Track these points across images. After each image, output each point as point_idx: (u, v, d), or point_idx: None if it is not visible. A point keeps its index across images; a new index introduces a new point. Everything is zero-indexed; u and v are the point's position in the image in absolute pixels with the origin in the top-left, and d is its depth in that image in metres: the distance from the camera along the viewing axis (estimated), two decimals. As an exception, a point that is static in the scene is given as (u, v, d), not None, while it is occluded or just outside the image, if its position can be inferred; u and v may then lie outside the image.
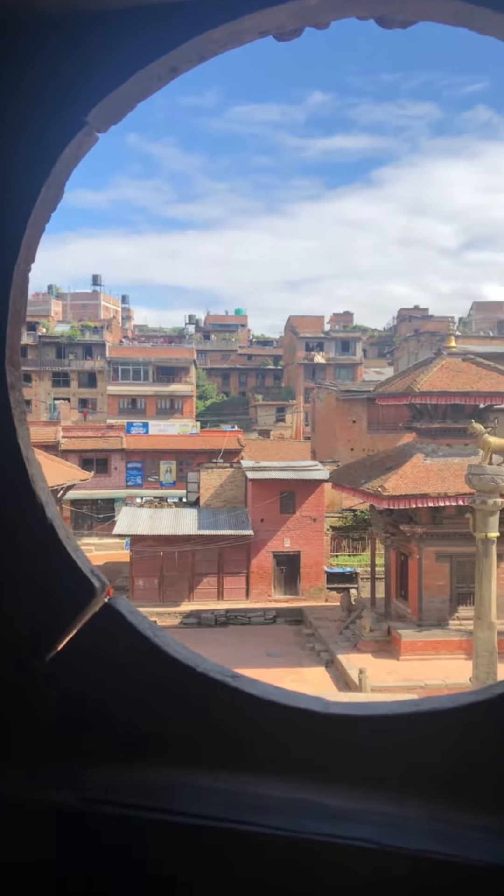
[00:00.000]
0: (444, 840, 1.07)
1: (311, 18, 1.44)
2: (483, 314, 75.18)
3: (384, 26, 1.46)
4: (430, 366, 22.75)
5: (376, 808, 1.16)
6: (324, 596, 28.47)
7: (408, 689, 19.18)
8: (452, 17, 1.31)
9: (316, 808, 1.17)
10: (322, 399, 41.32)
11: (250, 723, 1.29)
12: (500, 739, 1.18)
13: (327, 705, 1.30)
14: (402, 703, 1.28)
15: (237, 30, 1.39)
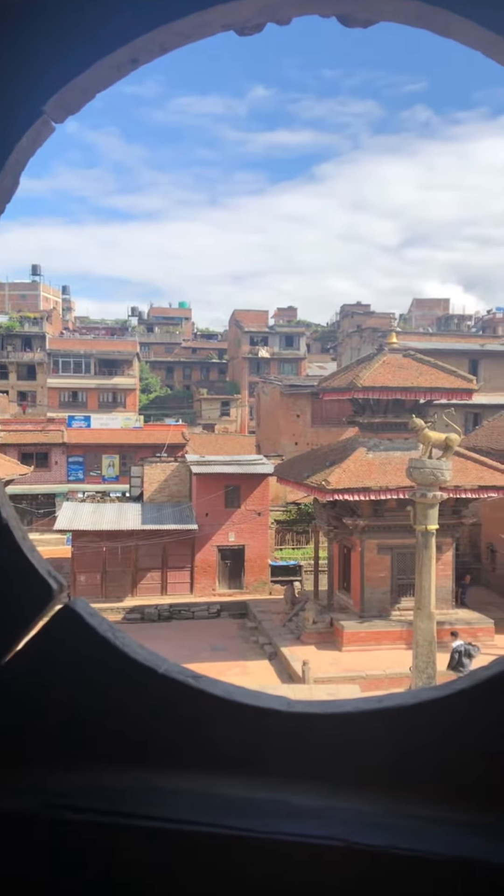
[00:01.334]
0: (410, 835, 1.09)
1: (274, 14, 1.43)
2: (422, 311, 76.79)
3: (346, 25, 1.47)
4: (372, 361, 23.09)
5: (343, 805, 1.17)
6: (268, 589, 28.66)
7: (349, 679, 19.51)
8: (414, 18, 1.32)
9: (282, 807, 1.17)
10: (267, 393, 41.49)
11: (213, 723, 1.29)
12: (461, 733, 1.20)
13: (291, 704, 1.31)
14: (366, 699, 1.29)
15: (200, 22, 1.37)
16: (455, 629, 21.97)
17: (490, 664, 1.25)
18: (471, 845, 1.06)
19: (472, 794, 1.16)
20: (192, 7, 1.33)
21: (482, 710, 1.20)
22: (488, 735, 1.18)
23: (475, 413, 33.60)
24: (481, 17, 1.22)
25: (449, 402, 22.97)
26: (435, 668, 17.12)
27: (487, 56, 1.31)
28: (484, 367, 36.19)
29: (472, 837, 1.08)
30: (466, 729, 1.20)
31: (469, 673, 1.26)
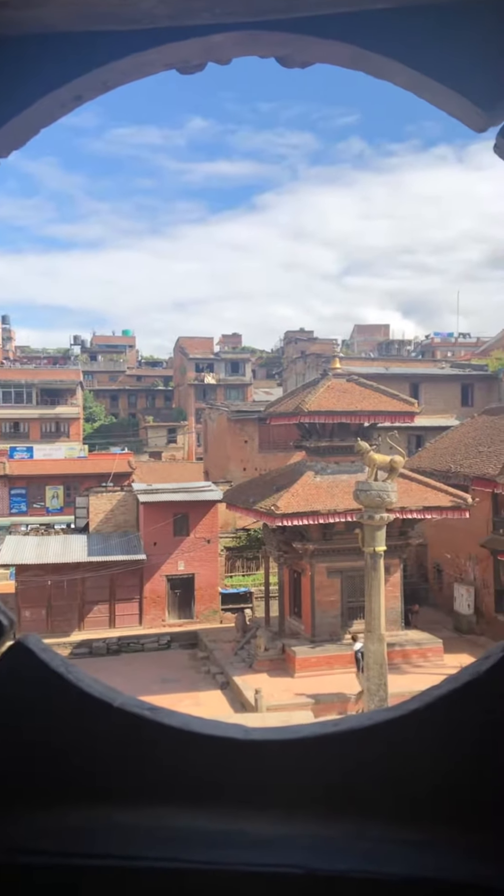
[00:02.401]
0: (369, 857, 1.10)
1: (214, 54, 1.48)
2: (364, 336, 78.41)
3: (284, 65, 1.52)
4: (317, 386, 23.41)
5: (302, 832, 1.17)
6: (219, 617, 28.40)
7: (302, 706, 19.44)
8: (349, 60, 1.39)
9: (241, 837, 1.17)
10: (214, 420, 41.55)
11: (171, 755, 1.27)
12: (416, 752, 1.22)
13: (248, 731, 1.30)
14: (322, 723, 1.30)
15: (143, 62, 1.41)
16: (402, 650, 22.20)
17: (441, 683, 1.27)
18: (429, 864, 1.08)
19: (429, 813, 1.18)
20: (135, 47, 1.37)
21: (435, 729, 1.22)
22: (442, 753, 1.20)
23: (418, 435, 34.33)
24: (411, 60, 1.29)
25: (392, 424, 23.43)
26: (387, 691, 17.22)
27: (418, 96, 1.38)
28: (424, 390, 37.09)
29: (430, 856, 1.10)
30: (421, 748, 1.22)
31: (423, 692, 1.29)
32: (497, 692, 1.19)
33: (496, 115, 1.26)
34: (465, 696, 1.21)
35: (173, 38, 1.35)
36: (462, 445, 27.88)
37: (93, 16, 1.27)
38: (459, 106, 1.30)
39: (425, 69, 1.28)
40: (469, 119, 1.31)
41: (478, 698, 1.20)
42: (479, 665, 1.23)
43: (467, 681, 1.21)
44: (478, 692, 1.20)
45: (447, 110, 1.35)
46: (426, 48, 1.26)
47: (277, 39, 1.38)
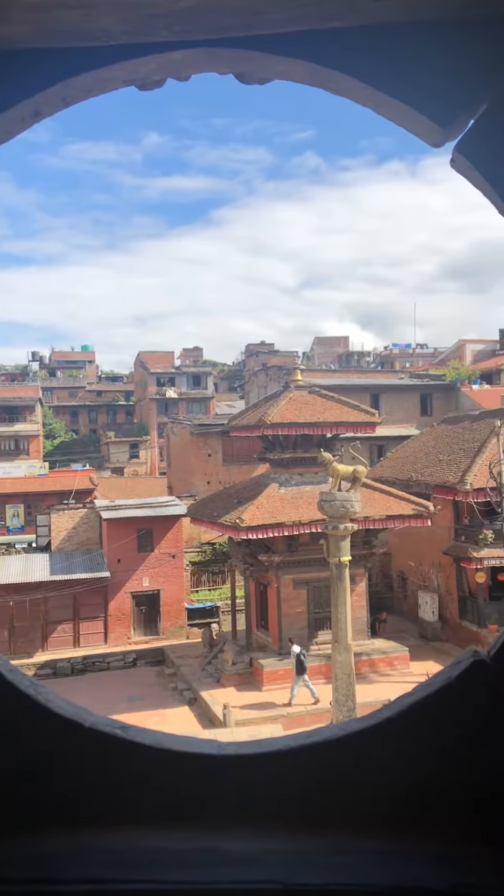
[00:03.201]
0: (347, 869, 1.09)
1: (174, 71, 1.49)
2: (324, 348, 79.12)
3: (243, 82, 1.54)
4: (279, 398, 23.52)
5: (278, 847, 1.16)
6: (185, 633, 28.17)
7: (271, 719, 19.35)
8: (308, 77, 1.41)
9: (217, 854, 1.15)
10: (176, 434, 41.39)
11: (144, 774, 1.26)
12: (390, 761, 1.22)
13: (222, 747, 1.29)
14: (295, 736, 1.29)
15: (102, 78, 1.41)
16: (368, 659, 22.32)
17: (413, 691, 1.28)
18: (407, 874, 1.08)
19: (405, 823, 1.18)
20: (94, 64, 1.37)
21: (409, 737, 1.22)
22: (416, 761, 1.21)
23: (379, 445, 34.69)
24: (368, 77, 1.31)
25: (354, 435, 23.64)
26: (355, 701, 17.24)
27: (376, 112, 1.41)
28: (384, 400, 37.54)
29: (408, 866, 1.10)
30: (395, 757, 1.22)
31: (395, 700, 1.29)
32: (469, 698, 1.21)
33: (452, 131, 1.30)
34: (437, 703, 1.22)
35: (132, 55, 1.36)
36: (422, 454, 28.26)
37: (52, 32, 1.26)
38: (416, 122, 1.33)
39: (383, 87, 1.30)
40: (426, 135, 1.34)
41: (450, 704, 1.21)
42: (450, 671, 1.24)
43: (439, 687, 1.22)
44: (450, 698, 1.21)
45: (405, 126, 1.38)
46: (383, 66, 1.29)
47: (236, 56, 1.40)
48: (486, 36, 1.23)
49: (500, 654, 1.21)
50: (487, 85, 1.24)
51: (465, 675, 1.22)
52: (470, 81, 1.25)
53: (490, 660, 1.21)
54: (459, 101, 1.26)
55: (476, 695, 1.21)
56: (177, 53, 1.39)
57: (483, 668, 1.21)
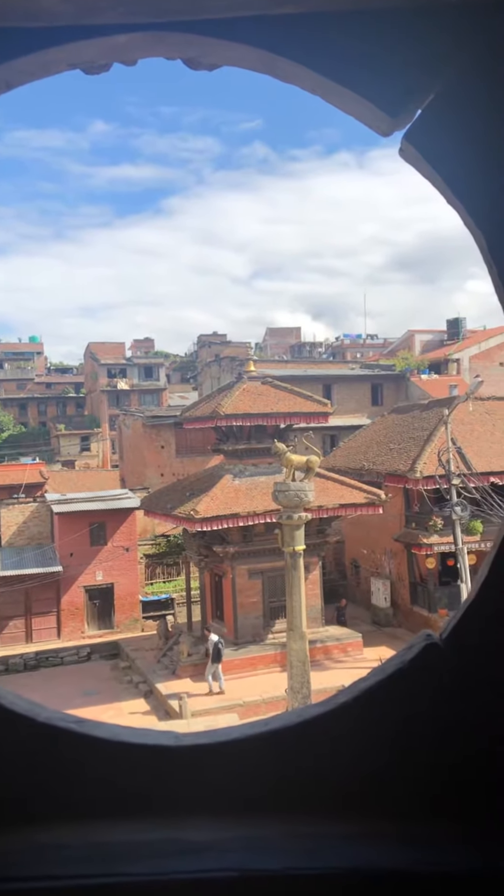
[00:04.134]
0: (306, 853, 1.10)
1: (119, 55, 1.46)
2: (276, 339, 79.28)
3: (192, 67, 1.52)
4: (233, 389, 23.50)
5: (236, 834, 1.16)
6: (140, 626, 28.03)
7: (227, 709, 19.44)
8: (258, 64, 1.40)
9: (176, 845, 1.15)
10: (128, 426, 40.99)
11: (101, 767, 1.24)
12: (347, 745, 1.24)
13: (178, 738, 1.29)
14: (252, 724, 1.30)
15: (46, 60, 1.37)
16: (323, 646, 22.60)
17: (367, 675, 1.30)
18: (364, 855, 1.09)
19: (361, 805, 1.20)
20: (37, 45, 1.33)
21: (365, 721, 1.24)
22: (372, 744, 1.23)
23: (332, 435, 35.01)
24: (318, 65, 1.31)
25: (307, 425, 23.80)
26: (310, 688, 17.44)
27: (325, 100, 1.41)
28: (336, 390, 37.88)
29: (365, 848, 1.11)
30: (351, 740, 1.24)
31: (350, 686, 1.31)
32: (423, 680, 1.23)
33: (401, 121, 1.30)
34: (392, 687, 1.24)
35: (77, 37, 1.33)
36: (374, 443, 28.63)
37: (-7, 10, 1.22)
38: (366, 111, 1.33)
39: (332, 75, 1.30)
40: (375, 124, 1.34)
41: (405, 688, 1.23)
42: (403, 655, 1.26)
43: (393, 671, 1.24)
44: (404, 682, 1.23)
45: (354, 115, 1.38)
46: (333, 54, 1.29)
47: (184, 41, 1.38)
48: (435, 25, 1.24)
49: (453, 637, 1.23)
50: (436, 74, 1.25)
51: (418, 658, 1.24)
52: (419, 71, 1.26)
53: (442, 643, 1.24)
54: (408, 90, 1.27)
55: (429, 677, 1.23)
56: (123, 37, 1.36)
57: (436, 652, 1.24)
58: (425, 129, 1.28)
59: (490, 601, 1.22)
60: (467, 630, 1.22)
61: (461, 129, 1.26)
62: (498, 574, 1.22)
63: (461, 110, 1.26)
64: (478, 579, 1.26)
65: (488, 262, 1.28)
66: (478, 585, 1.24)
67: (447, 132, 1.27)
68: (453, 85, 1.25)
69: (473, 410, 26.79)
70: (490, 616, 1.22)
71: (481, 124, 1.25)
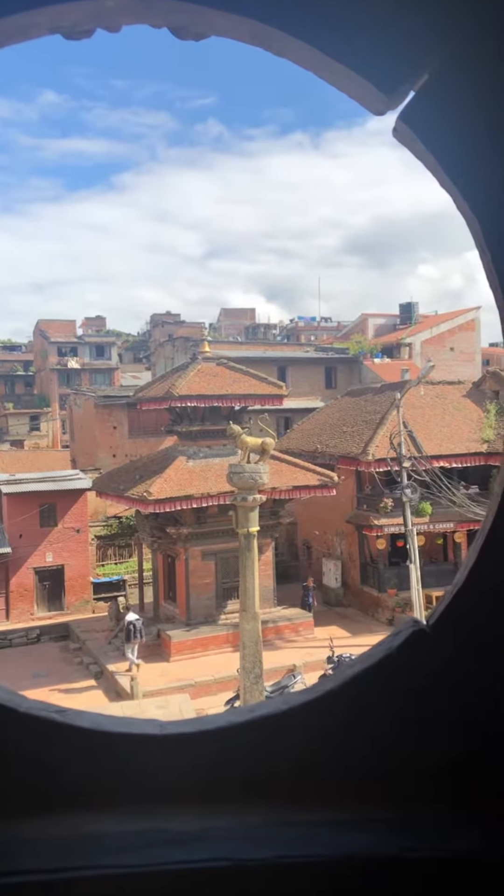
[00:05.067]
0: (296, 842, 1.10)
1: (104, 20, 1.39)
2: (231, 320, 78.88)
3: (178, 37, 1.46)
4: (187, 370, 23.34)
5: (225, 824, 1.15)
6: (91, 608, 27.83)
7: (179, 689, 19.51)
8: (249, 35, 1.35)
9: (164, 835, 1.14)
10: (80, 405, 40.36)
11: (84, 757, 1.21)
12: (334, 733, 1.24)
13: (163, 726, 1.27)
14: (238, 711, 1.28)
15: (27, 23, 1.30)
16: (275, 626, 22.83)
17: (354, 662, 1.30)
18: (356, 842, 1.10)
19: (351, 793, 1.20)
20: (19, 6, 1.26)
21: (352, 708, 1.24)
22: (360, 731, 1.23)
23: (286, 417, 35.16)
24: (313, 38, 1.27)
25: (262, 407, 23.83)
26: (262, 668, 17.62)
27: (318, 76, 1.37)
28: (291, 373, 37.99)
29: (356, 834, 1.12)
30: (339, 728, 1.24)
31: (336, 673, 1.31)
32: (411, 667, 1.23)
33: (395, 99, 1.27)
34: (379, 673, 1.24)
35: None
36: (327, 426, 28.87)
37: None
38: (360, 88, 1.30)
39: (327, 49, 1.26)
40: (369, 102, 1.32)
41: (392, 674, 1.24)
42: (390, 641, 1.26)
43: (380, 658, 1.24)
44: (392, 668, 1.24)
45: (347, 92, 1.35)
46: (329, 27, 1.25)
47: (174, 8, 1.32)
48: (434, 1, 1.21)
49: (440, 622, 1.24)
50: (433, 50, 1.23)
51: (405, 644, 1.24)
52: (415, 47, 1.23)
53: (430, 629, 1.24)
54: (404, 67, 1.24)
55: (417, 663, 1.23)
56: (110, 1, 1.30)
57: (423, 637, 1.24)
58: (422, 108, 1.25)
59: (478, 587, 1.23)
60: (455, 616, 1.23)
61: (458, 110, 1.24)
62: (485, 560, 1.23)
63: (458, 90, 1.24)
64: (465, 566, 1.26)
65: (481, 248, 1.27)
66: (465, 572, 1.25)
67: (443, 112, 1.25)
68: (450, 63, 1.23)
69: (425, 394, 27.24)
70: (478, 602, 1.23)
71: (479, 105, 1.23)
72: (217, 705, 18.38)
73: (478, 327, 45.86)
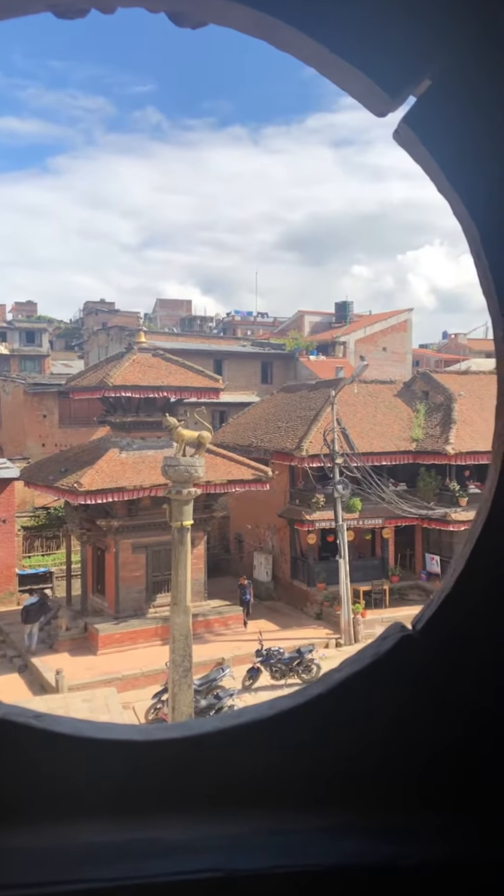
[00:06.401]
0: (290, 850, 1.08)
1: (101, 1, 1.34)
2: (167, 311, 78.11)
3: (177, 23, 1.42)
4: (122, 360, 22.99)
5: (217, 833, 1.13)
6: (16, 599, 27.07)
7: (106, 682, 19.27)
8: (252, 26, 1.32)
9: (153, 846, 1.10)
10: (8, 392, 39.17)
11: (65, 765, 1.17)
12: (323, 737, 1.23)
13: (148, 732, 1.23)
14: (223, 716, 1.26)
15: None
16: (205, 620, 22.83)
17: (340, 666, 1.29)
18: (350, 849, 1.09)
19: (341, 799, 1.20)
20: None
21: (340, 713, 1.24)
22: (349, 736, 1.23)
23: (221, 411, 35.11)
24: (320, 34, 1.25)
25: (198, 400, 23.72)
26: (191, 661, 17.58)
27: (321, 73, 1.35)
28: (227, 366, 37.95)
29: (349, 840, 1.11)
30: (327, 733, 1.23)
31: (322, 677, 1.30)
32: (399, 672, 1.24)
33: (399, 101, 1.27)
34: (367, 678, 1.24)
35: None
36: (262, 421, 29.00)
37: None
38: (364, 87, 1.29)
39: (333, 45, 1.25)
40: (372, 102, 1.30)
41: (380, 679, 1.24)
42: (378, 646, 1.26)
43: (368, 663, 1.24)
44: (380, 673, 1.24)
45: (350, 91, 1.33)
46: (337, 23, 1.23)
47: None
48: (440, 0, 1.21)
49: (428, 627, 1.24)
50: (438, 55, 1.23)
51: (393, 650, 1.24)
52: (421, 51, 1.23)
53: (417, 634, 1.25)
54: (410, 69, 1.23)
55: (405, 669, 1.24)
56: None
57: (411, 642, 1.25)
58: (426, 112, 1.25)
59: (466, 594, 1.24)
60: (443, 622, 1.24)
61: (461, 115, 1.24)
62: (474, 567, 1.25)
63: (461, 95, 1.24)
64: (453, 571, 1.28)
65: (478, 255, 1.28)
66: (454, 578, 1.26)
67: (447, 117, 1.25)
68: (454, 67, 1.23)
69: (358, 393, 27.71)
70: (467, 608, 1.24)
71: (481, 111, 1.24)
72: (144, 699, 18.25)
73: (410, 328, 46.97)
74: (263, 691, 18.90)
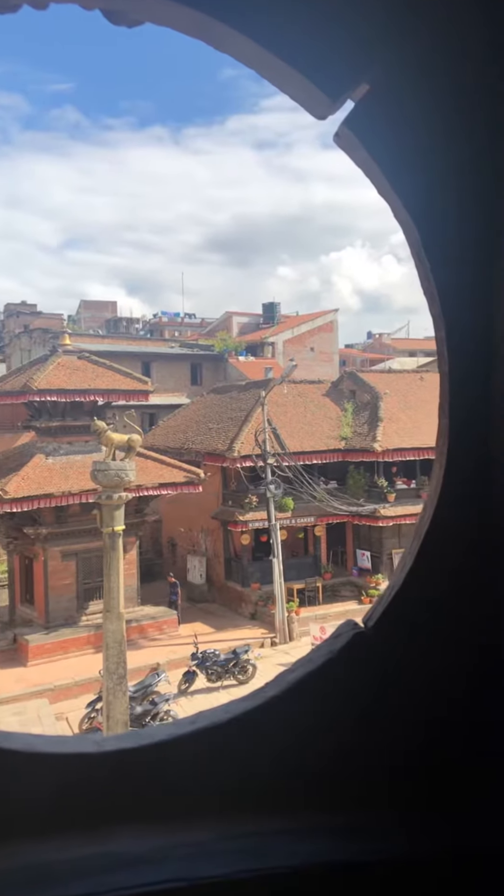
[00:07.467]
0: (252, 854, 1.08)
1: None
2: (91, 312, 76.80)
3: (112, 21, 1.39)
4: (47, 363, 22.47)
5: (177, 842, 1.11)
6: None
7: (37, 694, 18.80)
8: (192, 27, 1.31)
9: (111, 858, 1.08)
10: None
11: (16, 782, 1.13)
12: (279, 739, 1.23)
13: (101, 743, 1.20)
14: (178, 724, 1.24)
15: None
16: (138, 625, 22.60)
17: (294, 667, 1.29)
18: (311, 850, 1.09)
19: (303, 800, 1.20)
20: None
21: (296, 713, 1.24)
22: (307, 735, 1.23)
23: (151, 413, 34.75)
24: (260, 36, 1.25)
25: (127, 403, 23.42)
26: (126, 668, 17.34)
27: (261, 75, 1.35)
28: (156, 368, 37.61)
29: (310, 842, 1.11)
30: (283, 734, 1.23)
31: (277, 678, 1.30)
32: (352, 669, 1.25)
33: (338, 104, 1.28)
34: (321, 677, 1.24)
35: None
36: (193, 423, 28.89)
37: None
38: (304, 90, 1.29)
39: (273, 47, 1.25)
40: (312, 105, 1.31)
41: (335, 678, 1.25)
42: (331, 645, 1.27)
43: (322, 662, 1.25)
44: (334, 672, 1.25)
45: (290, 93, 1.33)
46: (276, 24, 1.23)
47: None
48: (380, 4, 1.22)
49: (379, 623, 1.26)
50: (378, 60, 1.24)
51: (346, 647, 1.25)
52: (360, 55, 1.24)
53: (369, 630, 1.27)
54: (350, 73, 1.25)
55: (358, 666, 1.25)
56: None
57: (363, 639, 1.26)
58: (367, 115, 1.26)
59: (415, 589, 1.27)
60: (394, 617, 1.26)
61: (401, 120, 1.26)
62: (422, 563, 1.27)
63: (401, 100, 1.26)
64: (402, 567, 1.30)
65: (419, 258, 1.30)
66: (403, 573, 1.28)
67: (387, 121, 1.26)
68: (393, 72, 1.25)
69: (287, 393, 27.97)
70: (416, 603, 1.26)
71: (420, 116, 1.26)
72: (78, 708, 17.88)
73: (336, 329, 47.74)
74: (199, 694, 18.83)
